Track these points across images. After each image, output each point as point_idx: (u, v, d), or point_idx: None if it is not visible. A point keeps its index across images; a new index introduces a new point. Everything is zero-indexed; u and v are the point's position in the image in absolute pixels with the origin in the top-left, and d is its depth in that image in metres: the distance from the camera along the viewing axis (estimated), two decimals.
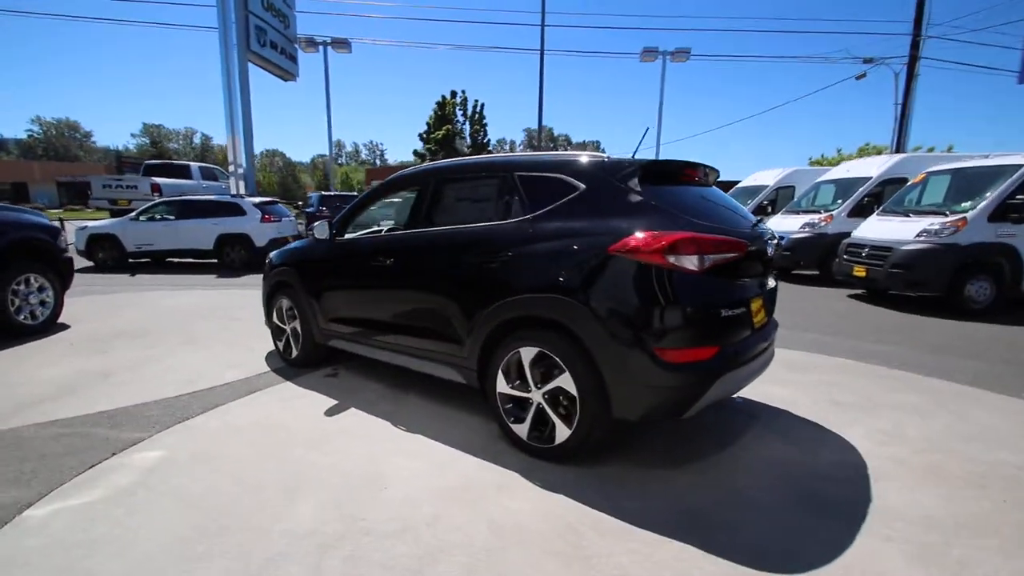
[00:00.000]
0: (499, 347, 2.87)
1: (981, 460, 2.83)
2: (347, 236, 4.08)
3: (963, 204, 7.04)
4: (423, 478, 2.58)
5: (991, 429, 3.24)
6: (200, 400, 3.63)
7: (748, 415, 3.42)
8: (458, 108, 32.45)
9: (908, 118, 18.55)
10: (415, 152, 33.82)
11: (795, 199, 11.75)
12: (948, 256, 6.68)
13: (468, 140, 32.54)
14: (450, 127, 31.49)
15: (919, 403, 3.66)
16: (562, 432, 2.64)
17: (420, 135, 32.66)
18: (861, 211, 9.27)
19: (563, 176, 2.80)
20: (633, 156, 2.83)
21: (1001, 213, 6.66)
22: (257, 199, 11.43)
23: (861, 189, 9.68)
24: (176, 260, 11.29)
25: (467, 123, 32.69)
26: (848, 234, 8.37)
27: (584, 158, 2.84)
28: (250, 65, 14.41)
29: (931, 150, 24.74)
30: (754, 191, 13.20)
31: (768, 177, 13.29)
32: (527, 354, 2.73)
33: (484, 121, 32.69)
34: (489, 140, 33.36)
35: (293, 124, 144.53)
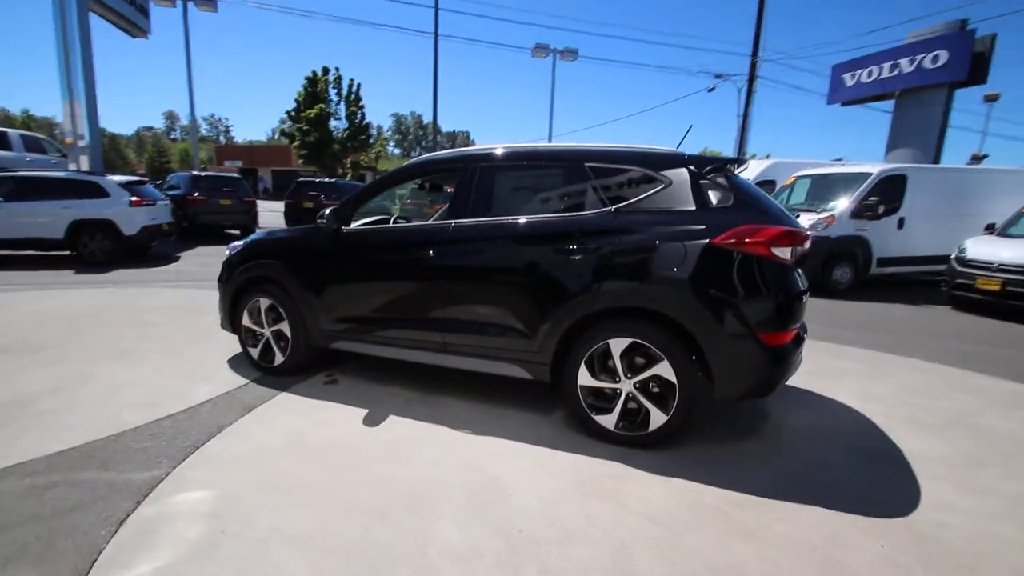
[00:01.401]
0: (580, 340, 2.86)
1: (936, 408, 3.59)
2: (355, 226, 3.66)
3: (830, 204, 8.61)
4: (537, 479, 2.49)
5: (922, 385, 4.09)
6: (192, 423, 3.00)
7: None
8: (331, 86, 30.12)
9: (748, 128, 21.92)
10: (283, 132, 30.72)
11: None
12: (822, 246, 8.12)
13: (344, 121, 30.42)
14: (323, 106, 29.13)
15: (862, 369, 4.46)
16: (657, 418, 2.74)
17: (288, 113, 29.75)
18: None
19: (644, 170, 2.86)
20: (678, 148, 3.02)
21: (859, 212, 8.28)
22: (122, 178, 9.47)
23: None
24: (4, 253, 8.88)
25: (342, 103, 30.53)
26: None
27: (664, 152, 2.93)
28: (92, 17, 11.71)
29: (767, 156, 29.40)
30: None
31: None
32: (617, 345, 2.77)
33: (361, 102, 30.85)
34: (369, 123, 31.59)
35: (110, 91, 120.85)
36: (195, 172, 13.69)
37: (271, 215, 17.38)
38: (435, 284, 3.21)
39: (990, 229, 8.15)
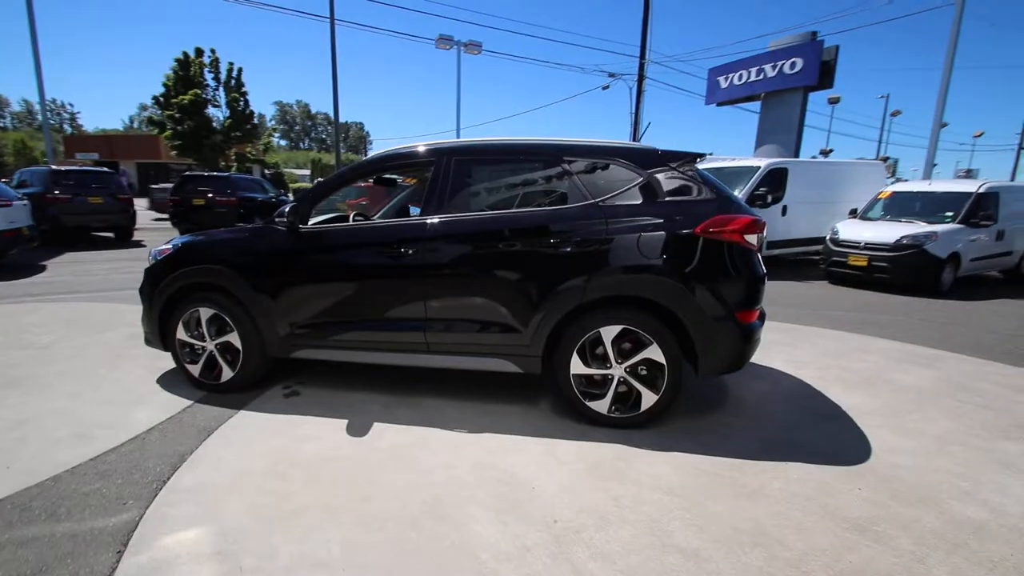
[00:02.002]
0: (570, 330, 2.93)
1: (853, 368, 4.18)
2: (314, 225, 3.39)
3: None
4: (550, 468, 2.52)
5: (835, 349, 4.74)
6: (145, 454, 2.63)
7: None
8: (207, 70, 27.14)
9: (640, 125, 23.51)
10: (150, 120, 27.12)
11: None
12: None
13: (225, 109, 27.59)
14: (199, 92, 26.17)
15: (782, 339, 5.04)
16: (648, 399, 2.89)
17: (156, 99, 26.26)
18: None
19: (621, 163, 2.99)
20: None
21: (751, 201, 9.28)
22: None
23: None
24: None
25: (221, 89, 27.64)
26: None
27: (640, 148, 3.07)
28: None
29: None
30: None
31: None
32: (609, 332, 2.88)
33: (244, 88, 28.15)
34: (254, 111, 28.94)
35: None
36: (55, 166, 11.62)
37: (140, 214, 15.33)
38: (415, 283, 3.09)
39: (853, 214, 9.58)
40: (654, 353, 2.84)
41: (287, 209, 3.17)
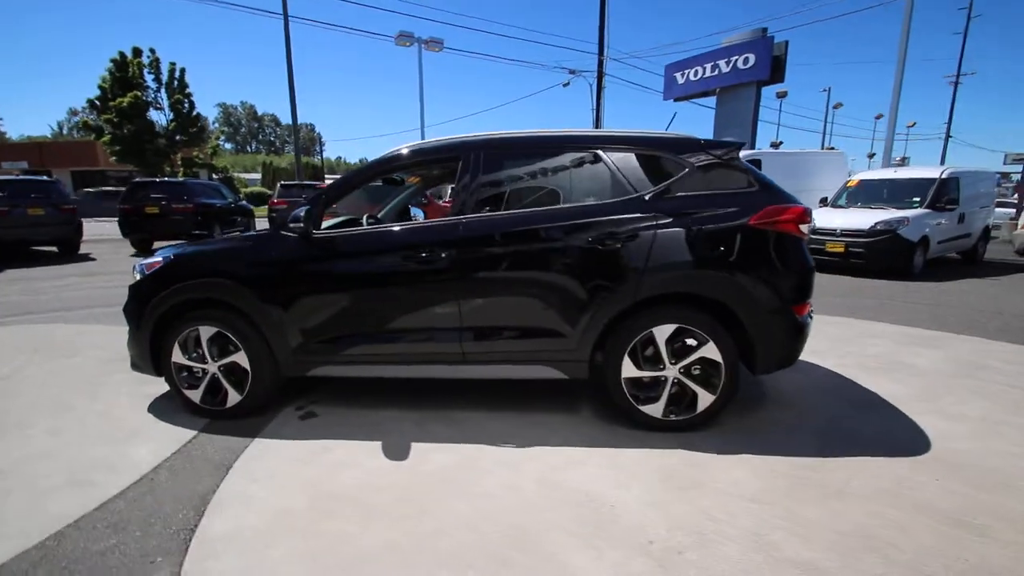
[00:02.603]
0: (620, 332, 2.77)
1: (869, 355, 4.22)
2: (327, 229, 3.10)
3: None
4: (623, 483, 2.35)
5: (844, 336, 4.79)
6: (159, 499, 2.29)
7: None
8: (147, 71, 25.49)
9: (601, 121, 23.74)
10: (86, 123, 25.25)
11: None
12: None
13: (168, 112, 25.98)
14: (139, 94, 24.55)
15: None
16: (705, 399, 2.77)
17: (92, 101, 24.46)
18: None
19: (665, 154, 2.85)
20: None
21: None
22: None
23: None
24: None
25: (163, 91, 26.03)
26: None
27: (681, 137, 2.94)
28: None
29: None
30: None
31: None
32: (662, 332, 2.74)
33: (188, 90, 26.61)
34: (200, 113, 27.41)
35: None
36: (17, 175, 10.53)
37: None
38: (449, 289, 2.85)
39: (824, 202, 9.90)
40: (710, 351, 2.72)
41: (301, 214, 2.86)
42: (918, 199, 8.66)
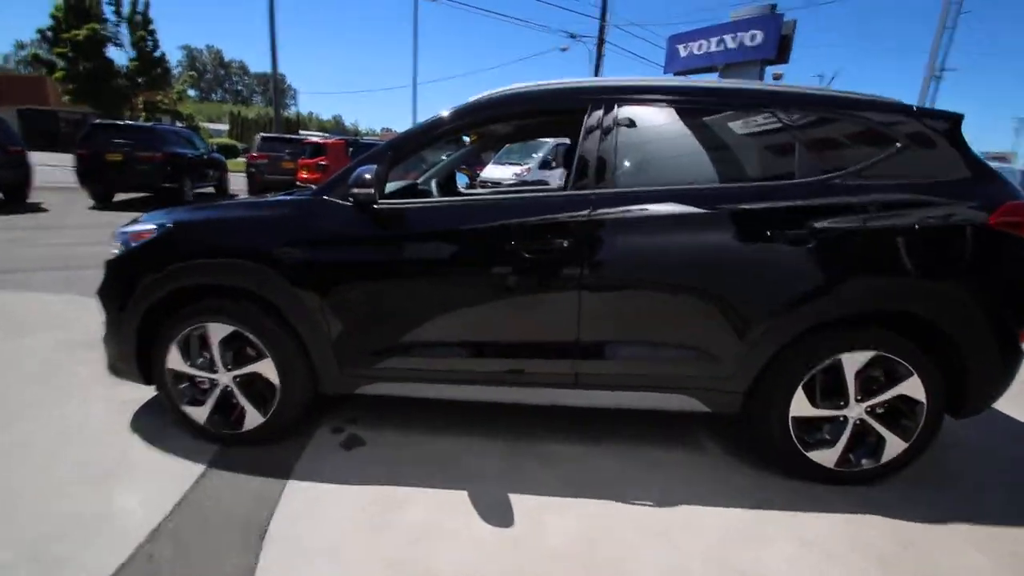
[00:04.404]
0: (795, 357, 2.09)
1: None
2: (400, 200, 2.27)
3: (526, 159, 11.29)
4: (823, 572, 1.71)
5: None
6: (187, 557, 1.52)
7: None
8: (106, 2, 22.95)
9: None
10: (36, 56, 22.66)
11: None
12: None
13: (130, 50, 23.60)
14: (97, 26, 22.11)
15: None
16: (894, 447, 2.13)
17: (42, 32, 21.94)
18: (546, 165, 11.74)
19: (868, 123, 2.11)
20: None
21: (541, 166, 11.07)
22: None
23: (543, 150, 12.00)
24: None
25: (124, 25, 23.55)
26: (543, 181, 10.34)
27: (886, 101, 2.20)
28: None
29: None
30: (535, 147, 13.90)
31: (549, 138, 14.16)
32: (852, 361, 2.06)
33: (152, 27, 24.19)
34: (164, 53, 25.05)
35: None
36: None
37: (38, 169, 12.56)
38: (566, 288, 2.08)
39: None
40: (912, 388, 2.07)
41: (367, 175, 2.02)
42: None
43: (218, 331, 2.23)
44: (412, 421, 2.57)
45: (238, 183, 13.92)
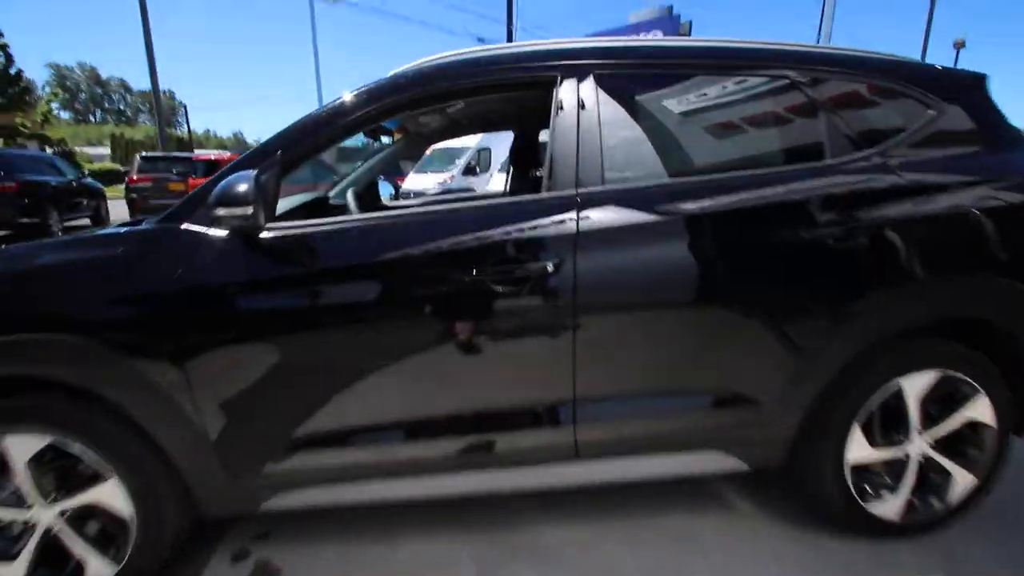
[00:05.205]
0: (847, 389, 1.63)
1: None
2: (297, 223, 1.55)
3: (448, 166, 11.15)
4: None
5: None
6: None
7: None
8: None
9: None
10: None
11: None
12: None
13: None
14: None
15: None
16: (961, 483, 1.73)
17: None
18: (470, 171, 11.63)
19: (905, 89, 1.70)
20: None
21: (465, 172, 11.01)
22: None
23: (466, 155, 11.91)
24: None
25: None
26: (467, 188, 10.32)
27: (915, 63, 1.81)
28: None
29: None
30: (457, 153, 13.33)
31: (469, 140, 13.65)
32: (914, 385, 1.63)
33: (3, 39, 20.99)
34: (22, 71, 21.83)
35: None
36: None
37: None
38: (556, 329, 1.49)
39: None
40: (980, 410, 1.68)
41: (240, 189, 1.31)
42: None
43: (22, 446, 1.41)
44: (352, 527, 1.85)
45: (120, 211, 12.17)
